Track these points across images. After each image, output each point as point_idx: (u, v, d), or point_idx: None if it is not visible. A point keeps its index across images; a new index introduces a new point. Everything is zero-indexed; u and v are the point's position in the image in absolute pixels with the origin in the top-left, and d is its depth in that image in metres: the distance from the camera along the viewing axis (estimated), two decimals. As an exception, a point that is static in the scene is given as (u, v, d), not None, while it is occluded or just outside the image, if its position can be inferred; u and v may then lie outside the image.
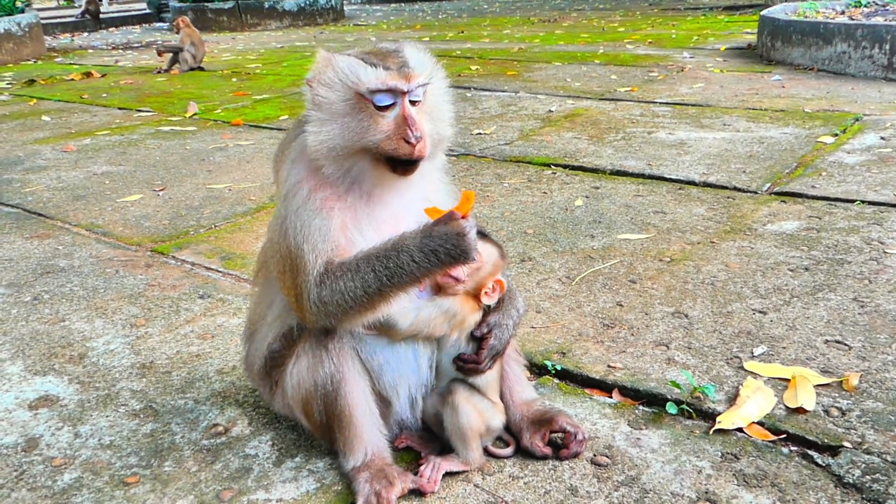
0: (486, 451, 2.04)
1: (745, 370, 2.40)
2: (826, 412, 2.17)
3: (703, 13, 15.06)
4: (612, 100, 6.80)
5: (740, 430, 2.11)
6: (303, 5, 17.66)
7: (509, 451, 2.05)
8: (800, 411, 2.17)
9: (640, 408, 2.26)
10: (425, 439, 2.08)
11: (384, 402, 1.97)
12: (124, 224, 4.14)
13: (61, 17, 20.44)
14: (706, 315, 2.78)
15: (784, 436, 2.08)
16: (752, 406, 2.18)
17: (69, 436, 2.24)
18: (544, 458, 2.02)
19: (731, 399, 2.24)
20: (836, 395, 2.25)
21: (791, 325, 2.68)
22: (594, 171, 4.67)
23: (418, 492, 1.90)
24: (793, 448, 2.04)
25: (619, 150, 5.07)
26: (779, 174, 4.38)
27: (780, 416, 2.16)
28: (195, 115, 7.12)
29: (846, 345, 2.53)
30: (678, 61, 8.76)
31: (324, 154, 1.78)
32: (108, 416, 2.33)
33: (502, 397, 2.07)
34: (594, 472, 1.97)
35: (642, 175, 4.51)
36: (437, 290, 1.92)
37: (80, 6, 20.17)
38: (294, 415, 2.03)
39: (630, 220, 3.79)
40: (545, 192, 4.30)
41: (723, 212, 3.84)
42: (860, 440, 2.04)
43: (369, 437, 1.93)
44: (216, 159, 5.45)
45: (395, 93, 1.75)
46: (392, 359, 1.93)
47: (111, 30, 19.43)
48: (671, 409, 2.21)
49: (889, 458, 1.96)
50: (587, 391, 2.36)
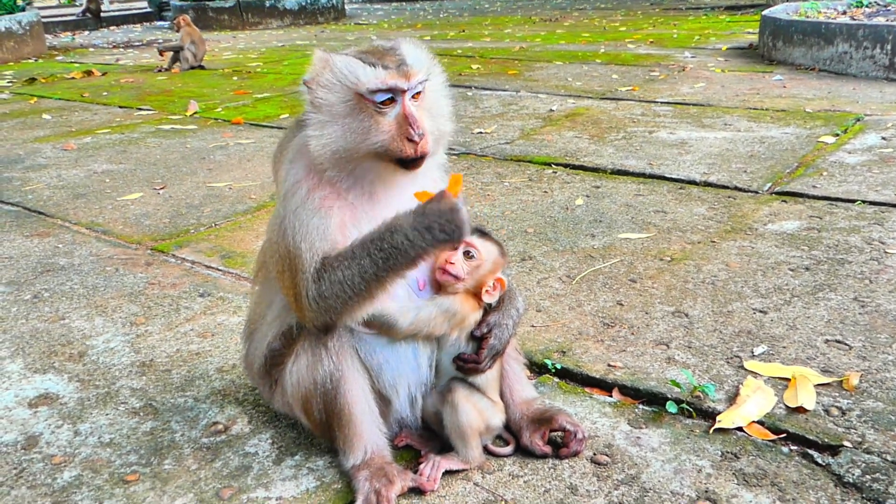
0: (486, 450, 2.03)
1: (746, 369, 2.40)
2: (826, 412, 2.17)
3: (705, 13, 15.05)
4: (614, 99, 6.79)
5: (740, 429, 2.11)
6: (304, 4, 17.65)
7: (509, 449, 2.05)
8: (800, 411, 2.17)
9: (640, 407, 2.26)
10: (425, 438, 2.08)
11: (384, 401, 1.97)
12: (124, 222, 4.14)
13: (62, 15, 20.42)
14: (706, 314, 2.78)
15: (784, 435, 2.08)
16: (753, 405, 2.18)
17: (69, 434, 2.24)
18: (544, 456, 2.02)
19: (732, 398, 2.24)
20: (837, 394, 2.25)
21: (791, 324, 2.68)
22: (595, 170, 4.67)
23: (418, 490, 1.90)
24: (793, 447, 2.04)
25: (620, 149, 5.07)
26: (780, 174, 4.38)
27: (781, 416, 2.16)
28: (196, 113, 7.12)
29: (846, 344, 2.53)
30: (679, 61, 8.76)
31: (328, 158, 1.78)
32: (107, 414, 2.33)
33: (502, 396, 2.07)
34: (594, 471, 1.97)
35: (643, 174, 4.51)
36: (438, 288, 1.92)
37: (81, 5, 20.16)
38: (294, 413, 2.03)
39: (631, 220, 3.79)
40: (546, 192, 4.30)
41: (723, 211, 3.84)
42: (860, 440, 2.04)
43: (369, 436, 1.93)
44: (216, 158, 5.45)
45: (395, 91, 1.75)
46: (392, 357, 1.93)
47: (112, 28, 19.43)
48: (671, 408, 2.21)
49: (889, 458, 1.96)
50: (587, 390, 2.36)
